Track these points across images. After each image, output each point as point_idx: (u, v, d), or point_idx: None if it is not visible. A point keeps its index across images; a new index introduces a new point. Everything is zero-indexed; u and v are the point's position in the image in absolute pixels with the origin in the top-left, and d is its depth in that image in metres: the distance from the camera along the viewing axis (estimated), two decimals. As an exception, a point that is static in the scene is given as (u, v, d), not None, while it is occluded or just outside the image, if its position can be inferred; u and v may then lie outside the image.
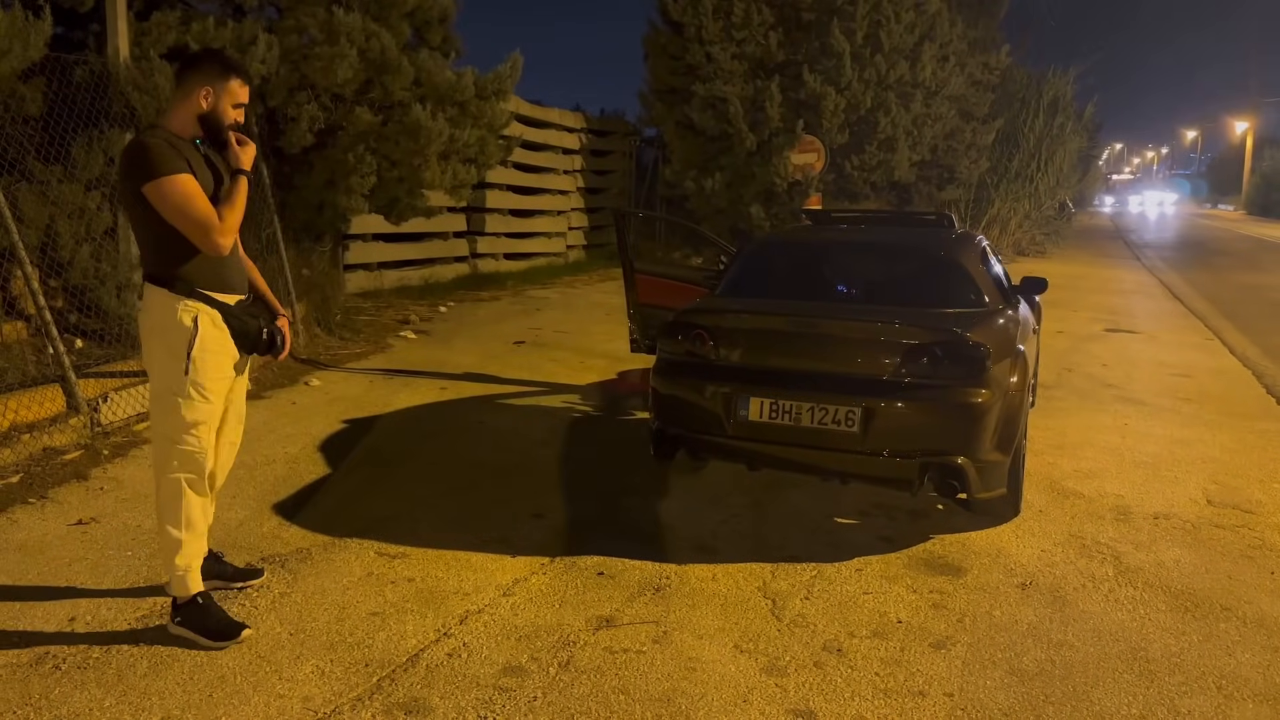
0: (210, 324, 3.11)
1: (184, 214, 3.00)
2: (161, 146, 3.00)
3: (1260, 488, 5.10)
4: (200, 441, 3.15)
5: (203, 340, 3.09)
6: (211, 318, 3.12)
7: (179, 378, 3.07)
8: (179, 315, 3.07)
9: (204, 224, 3.01)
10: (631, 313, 6.41)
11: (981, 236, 5.72)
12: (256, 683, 2.95)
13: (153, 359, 3.16)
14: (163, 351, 3.10)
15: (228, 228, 3.07)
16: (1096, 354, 9.13)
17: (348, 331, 8.79)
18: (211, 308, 3.12)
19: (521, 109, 14.10)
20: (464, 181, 9.69)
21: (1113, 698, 2.98)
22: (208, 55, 3.24)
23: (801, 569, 3.90)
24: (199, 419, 3.12)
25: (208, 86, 3.12)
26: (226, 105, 3.15)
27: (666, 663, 3.14)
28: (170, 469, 3.14)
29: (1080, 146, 28.90)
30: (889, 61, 15.69)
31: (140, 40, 6.96)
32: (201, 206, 3.02)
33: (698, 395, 4.36)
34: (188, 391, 3.09)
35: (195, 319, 3.08)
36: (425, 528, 4.24)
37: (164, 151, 2.99)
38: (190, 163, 3.05)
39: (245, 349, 3.24)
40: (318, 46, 8.09)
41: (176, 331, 3.07)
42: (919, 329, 4.19)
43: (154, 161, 2.97)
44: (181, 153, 3.04)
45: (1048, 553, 4.13)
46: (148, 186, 2.97)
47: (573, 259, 16.73)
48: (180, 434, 3.12)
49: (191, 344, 3.07)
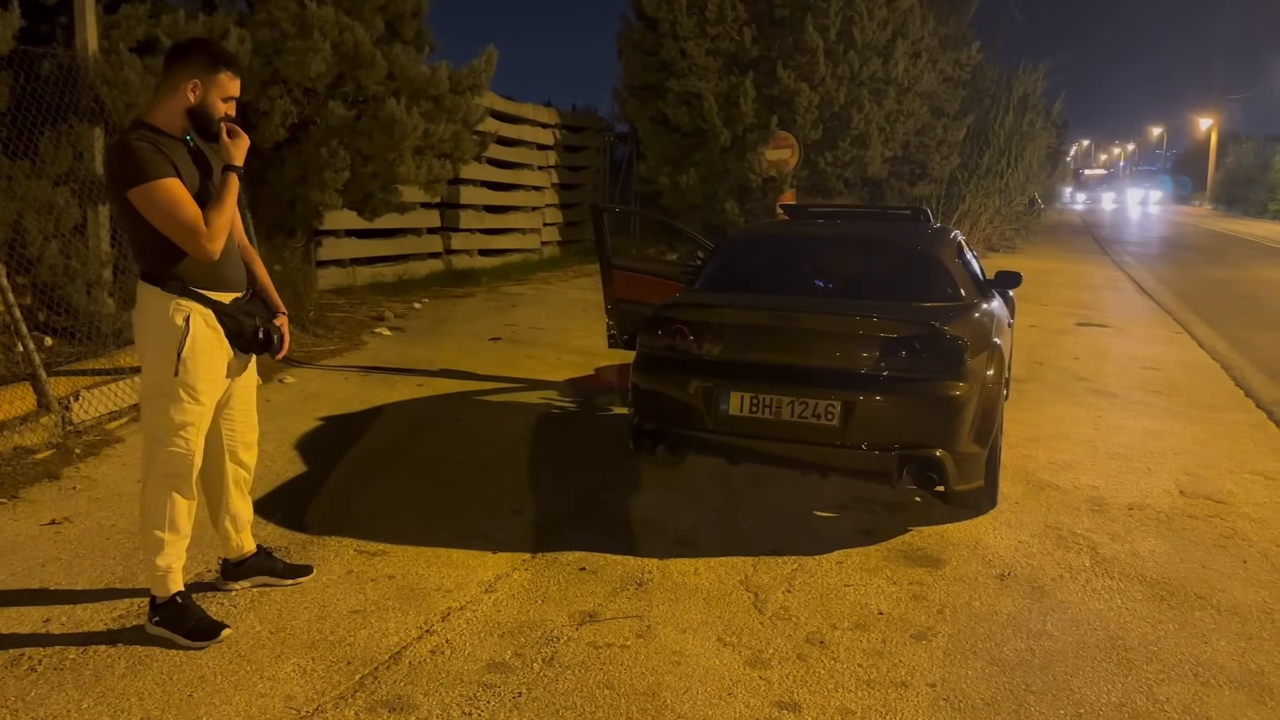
0: (203, 324, 3.05)
1: (169, 221, 2.93)
2: (144, 150, 2.92)
3: (1231, 478, 5.18)
4: (188, 443, 3.09)
5: (194, 341, 3.03)
6: (204, 317, 3.06)
7: (168, 379, 3.02)
8: (170, 315, 3.01)
9: (190, 231, 2.94)
10: (609, 308, 6.40)
11: (957, 231, 5.76)
12: (237, 682, 2.92)
13: (144, 358, 3.10)
14: (154, 351, 3.05)
15: (215, 232, 2.99)
16: (1068, 348, 9.23)
17: (322, 328, 8.70)
18: (205, 307, 3.06)
19: (496, 104, 14.03)
20: (438, 176, 9.63)
21: (1092, 686, 3.02)
22: (195, 46, 3.14)
23: (783, 562, 3.91)
24: (188, 420, 3.07)
25: (195, 79, 3.02)
26: (215, 99, 3.05)
27: (650, 657, 3.14)
28: (156, 470, 3.10)
29: (1049, 143, 29.16)
30: (862, 58, 15.75)
31: (109, 33, 6.85)
32: (186, 214, 2.93)
33: (678, 390, 4.36)
34: (177, 393, 3.03)
35: (187, 319, 3.02)
36: (405, 525, 4.21)
37: (148, 155, 2.91)
38: (176, 164, 2.97)
39: (241, 349, 3.17)
40: (290, 40, 8.00)
41: (167, 331, 3.01)
42: (897, 322, 4.22)
43: (138, 167, 2.89)
44: (167, 154, 2.96)
45: (1025, 544, 4.18)
46: (132, 193, 2.90)
47: (547, 255, 16.68)
48: (168, 435, 3.06)
49: (182, 345, 3.01)
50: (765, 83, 15.41)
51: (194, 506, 3.21)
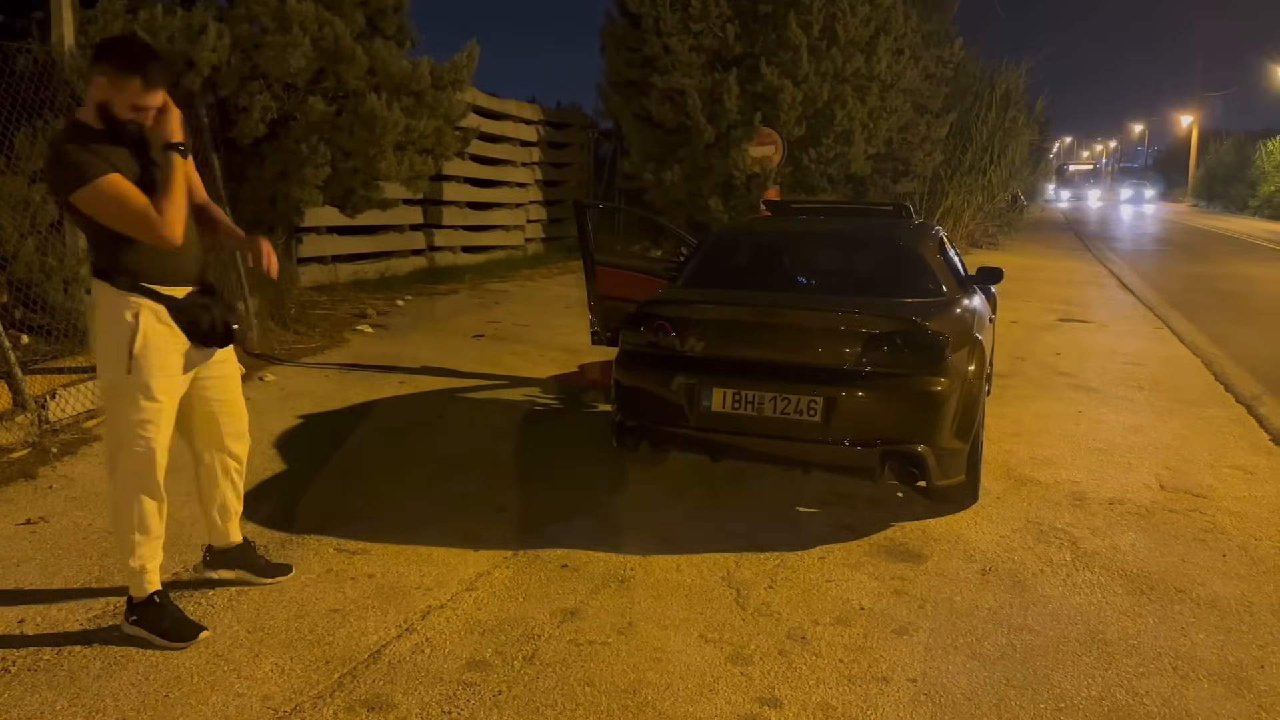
0: (153, 320, 2.98)
1: (121, 218, 2.87)
2: (75, 152, 2.83)
3: (1211, 472, 5.21)
4: (148, 442, 3.03)
5: (145, 337, 2.96)
6: (155, 313, 2.99)
7: (121, 377, 2.96)
8: (120, 311, 2.95)
9: (143, 222, 2.87)
10: (592, 305, 6.38)
11: (939, 227, 5.77)
12: (214, 682, 2.89)
13: (98, 357, 3.07)
14: (105, 349, 3.00)
15: (170, 219, 2.91)
16: (1050, 343, 9.26)
17: (302, 326, 8.65)
18: (156, 302, 2.99)
19: (479, 100, 13.96)
20: (420, 173, 9.57)
21: (1072, 680, 3.02)
22: (108, 49, 2.98)
23: (765, 558, 3.91)
24: (145, 419, 3.01)
25: (104, 79, 2.90)
26: (121, 104, 2.90)
27: (632, 654, 3.13)
28: (120, 471, 3.06)
29: (1032, 140, 29.26)
30: (845, 54, 15.76)
31: (85, 28, 6.77)
32: (135, 207, 2.86)
33: (660, 386, 4.35)
34: (131, 392, 2.97)
35: (137, 315, 2.95)
36: (385, 523, 4.19)
37: (79, 157, 2.83)
38: (113, 159, 2.87)
39: (199, 342, 3.11)
40: (269, 35, 7.93)
41: (118, 329, 2.95)
42: (879, 318, 4.22)
43: (74, 171, 2.82)
44: (99, 151, 2.86)
45: (1006, 538, 4.19)
46: (75, 197, 2.84)
47: (531, 252, 16.63)
48: (127, 434, 3.01)
49: (133, 342, 2.94)
50: (749, 79, 15.40)
51: (163, 506, 3.14)
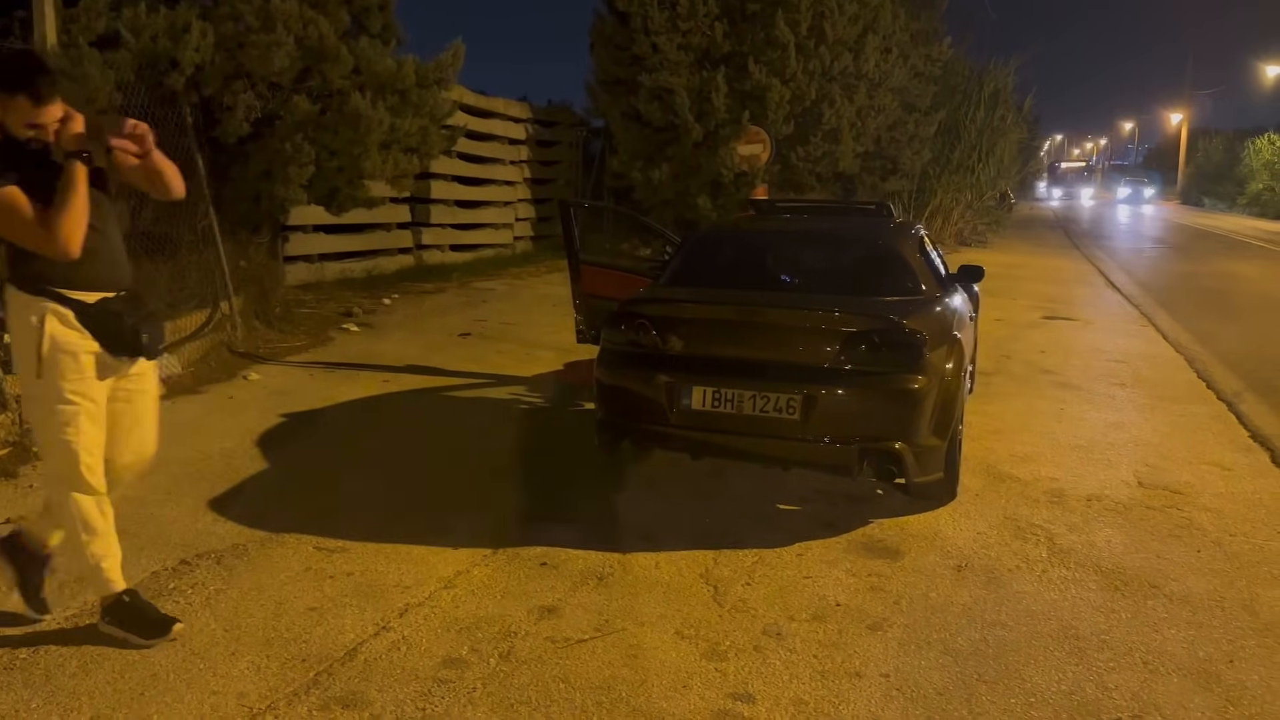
0: (58, 323, 2.91)
1: (10, 231, 2.82)
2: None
3: (1189, 469, 5.25)
4: (70, 445, 2.95)
5: (52, 340, 2.90)
6: (62, 317, 2.91)
7: (33, 380, 2.93)
8: (28, 316, 2.91)
9: (31, 236, 2.80)
10: (578, 303, 6.40)
11: (919, 226, 5.80)
12: (190, 680, 2.90)
13: (14, 361, 3.06)
14: (18, 353, 2.98)
15: (63, 231, 2.79)
16: (1035, 341, 9.31)
17: (288, 325, 8.64)
18: (64, 306, 2.91)
19: (466, 98, 13.95)
20: (406, 171, 9.58)
21: (1043, 675, 3.05)
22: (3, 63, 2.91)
23: (743, 555, 3.93)
24: (62, 421, 2.94)
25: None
26: (16, 123, 2.81)
27: (608, 651, 3.14)
28: (49, 473, 3.08)
29: (1021, 138, 29.35)
30: (833, 53, 15.79)
31: (68, 27, 6.77)
32: (21, 219, 2.78)
33: (641, 385, 4.37)
34: (44, 394, 2.94)
35: (42, 319, 2.89)
36: (365, 521, 4.19)
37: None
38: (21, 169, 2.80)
39: (114, 350, 3.00)
40: (254, 34, 7.92)
41: (26, 332, 2.91)
42: (857, 317, 4.25)
43: None
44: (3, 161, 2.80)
45: (983, 535, 4.21)
46: None
47: (520, 250, 16.63)
48: (49, 437, 2.99)
49: (40, 345, 2.89)
50: (737, 78, 15.42)
51: (102, 500, 3.05)
